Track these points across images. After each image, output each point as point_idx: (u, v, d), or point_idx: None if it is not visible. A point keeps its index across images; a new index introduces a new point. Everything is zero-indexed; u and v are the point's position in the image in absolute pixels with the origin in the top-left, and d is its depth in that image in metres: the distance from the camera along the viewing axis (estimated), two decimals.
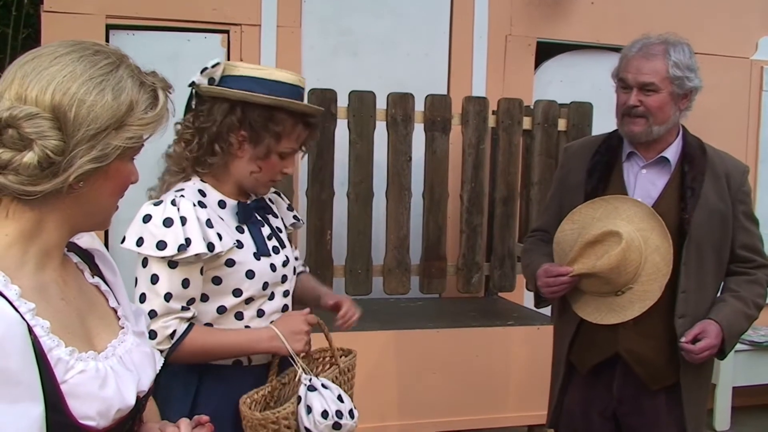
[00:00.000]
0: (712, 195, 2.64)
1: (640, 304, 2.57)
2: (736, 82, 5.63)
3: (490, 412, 4.23)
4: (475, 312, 4.56)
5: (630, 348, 2.66)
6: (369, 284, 4.15)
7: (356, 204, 4.08)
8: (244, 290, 2.15)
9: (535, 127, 4.36)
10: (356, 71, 4.80)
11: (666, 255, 2.57)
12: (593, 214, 2.64)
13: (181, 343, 2.08)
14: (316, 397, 2.09)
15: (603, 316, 2.62)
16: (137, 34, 4.49)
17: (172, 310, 2.06)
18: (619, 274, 2.54)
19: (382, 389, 3.97)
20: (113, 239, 4.43)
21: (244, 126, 2.12)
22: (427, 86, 4.55)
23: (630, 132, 2.65)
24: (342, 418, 2.10)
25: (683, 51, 2.62)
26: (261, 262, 2.18)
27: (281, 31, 4.67)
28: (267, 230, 2.28)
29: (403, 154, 4.11)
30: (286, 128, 2.14)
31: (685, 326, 2.60)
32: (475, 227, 4.29)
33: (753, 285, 2.71)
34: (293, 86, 2.16)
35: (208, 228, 2.06)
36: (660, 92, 2.59)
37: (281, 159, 2.18)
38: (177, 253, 2.01)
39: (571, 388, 2.85)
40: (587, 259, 2.56)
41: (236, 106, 2.11)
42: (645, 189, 2.69)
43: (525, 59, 5.17)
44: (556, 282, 2.62)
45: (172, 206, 2.05)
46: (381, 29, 4.93)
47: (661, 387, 2.69)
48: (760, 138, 5.70)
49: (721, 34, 5.56)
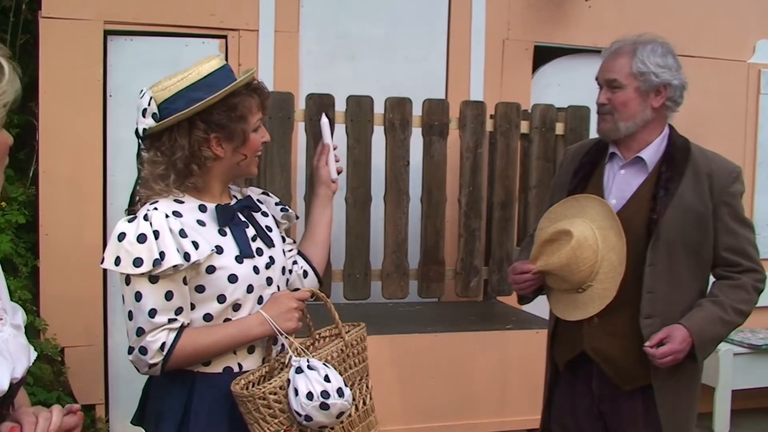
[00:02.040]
0: (690, 195, 2.65)
1: (599, 301, 2.62)
2: (734, 85, 5.66)
3: (488, 417, 4.23)
4: (473, 316, 4.56)
5: (596, 347, 2.71)
6: (367, 289, 4.14)
7: (354, 208, 4.07)
8: (228, 295, 2.16)
9: (533, 131, 4.35)
10: (354, 76, 4.80)
11: (620, 253, 2.60)
12: (565, 212, 2.72)
13: (173, 352, 2.10)
14: (301, 378, 2.08)
15: (569, 312, 2.70)
16: (135, 39, 4.49)
17: (157, 324, 2.08)
18: (572, 272, 2.61)
19: (380, 394, 3.91)
20: None
21: (213, 130, 2.15)
22: (425, 90, 4.55)
23: (599, 130, 2.77)
24: (329, 398, 2.08)
25: (653, 49, 2.69)
26: (243, 265, 2.19)
27: (279, 36, 4.68)
28: (252, 231, 2.28)
29: (401, 158, 4.11)
30: (245, 106, 2.18)
31: (654, 327, 2.62)
32: (473, 231, 4.29)
33: (736, 290, 2.69)
34: (221, 69, 2.19)
35: (182, 238, 2.08)
36: (624, 88, 2.67)
37: (256, 133, 2.24)
38: (153, 268, 2.03)
39: (558, 387, 2.92)
40: (545, 257, 2.67)
41: (195, 120, 2.13)
42: (620, 189, 2.74)
43: (522, 63, 5.18)
44: (521, 279, 2.74)
45: (145, 221, 2.08)
46: (379, 34, 4.94)
47: (634, 388, 2.71)
48: (758, 141, 5.72)
49: (718, 38, 5.58)
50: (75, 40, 4.29)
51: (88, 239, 4.34)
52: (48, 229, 4.29)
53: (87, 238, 4.34)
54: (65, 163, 4.29)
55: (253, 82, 2.25)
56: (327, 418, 2.10)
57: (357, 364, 2.29)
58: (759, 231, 5.61)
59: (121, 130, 4.44)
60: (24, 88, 4.70)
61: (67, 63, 4.28)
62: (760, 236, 5.59)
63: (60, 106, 4.27)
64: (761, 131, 5.73)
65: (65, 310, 4.25)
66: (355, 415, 2.25)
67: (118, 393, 4.45)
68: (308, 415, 2.07)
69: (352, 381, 2.26)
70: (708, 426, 5.33)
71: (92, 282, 4.36)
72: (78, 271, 4.26)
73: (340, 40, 4.88)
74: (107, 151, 4.45)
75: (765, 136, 5.73)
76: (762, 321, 5.70)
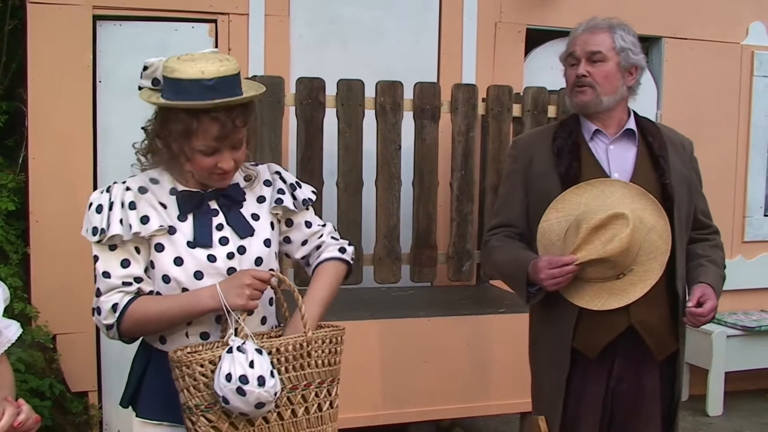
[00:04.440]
0: (677, 162, 2.75)
1: (641, 285, 2.56)
2: (728, 67, 5.64)
3: (482, 400, 4.23)
4: (466, 300, 4.55)
5: (642, 319, 2.65)
6: (359, 274, 4.13)
7: (346, 193, 4.06)
8: (172, 278, 2.15)
9: (525, 114, 4.34)
10: (345, 60, 4.77)
11: (663, 233, 2.58)
12: (579, 200, 2.62)
13: (125, 314, 2.12)
14: (227, 359, 2.01)
15: (604, 302, 2.58)
16: (124, 24, 4.45)
17: (112, 286, 2.12)
18: (627, 257, 2.53)
19: (374, 379, 3.96)
20: None
21: (162, 128, 2.15)
22: (417, 74, 4.52)
23: (579, 101, 2.72)
24: (247, 383, 1.98)
25: (626, 29, 2.74)
26: (195, 251, 2.17)
27: (269, 20, 4.64)
28: (220, 219, 2.23)
29: (393, 142, 4.09)
30: (188, 127, 2.08)
31: (682, 289, 2.69)
32: (465, 215, 4.28)
33: (716, 249, 2.87)
34: (195, 81, 2.06)
35: (130, 210, 2.12)
36: (607, 62, 2.68)
37: (206, 156, 2.12)
38: (100, 237, 2.10)
39: (579, 375, 2.76)
40: (592, 245, 2.51)
41: (159, 108, 2.16)
42: (619, 163, 2.73)
43: (515, 46, 5.15)
44: (562, 272, 2.56)
45: (106, 193, 2.17)
46: (370, 18, 4.90)
47: (663, 357, 2.72)
48: (751, 123, 5.70)
49: (712, 20, 5.56)
50: (64, 25, 4.26)
51: (78, 226, 4.26)
52: (38, 216, 4.27)
53: (77, 224, 4.27)
54: (55, 149, 4.26)
55: (215, 113, 2.10)
56: (244, 405, 2.01)
57: (321, 366, 2.18)
58: (751, 213, 5.72)
59: (111, 116, 4.43)
60: (12, 74, 4.70)
61: (55, 49, 4.24)
62: (752, 218, 5.70)
63: (49, 93, 4.24)
64: (754, 113, 5.71)
65: (56, 297, 4.23)
66: (303, 418, 2.15)
67: (110, 379, 4.44)
68: (225, 396, 2.00)
69: (309, 381, 2.16)
70: (701, 408, 5.35)
71: (83, 268, 4.31)
72: (69, 258, 4.23)
73: (331, 24, 4.85)
74: (97, 137, 4.42)
75: (758, 118, 5.71)
76: (754, 302, 5.73)
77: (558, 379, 2.81)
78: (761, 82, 5.69)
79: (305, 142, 3.98)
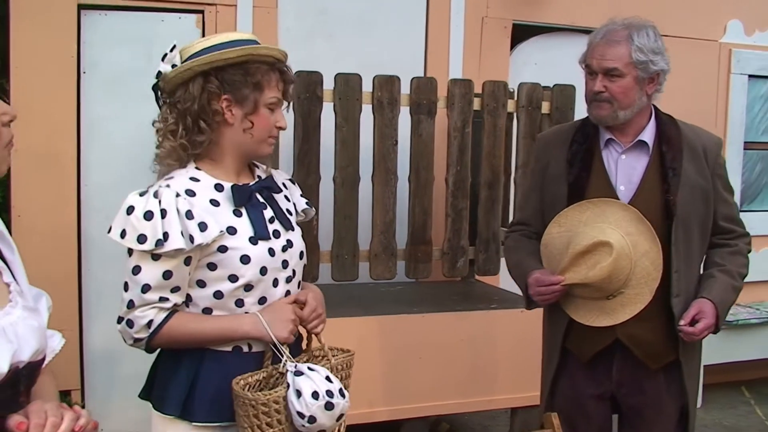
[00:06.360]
0: (692, 172, 2.70)
1: (631, 308, 2.62)
2: (705, 64, 5.72)
3: (475, 396, 4.24)
4: (456, 296, 4.55)
5: (629, 333, 2.69)
6: (355, 270, 4.09)
7: (342, 188, 4.01)
8: (240, 276, 2.13)
9: (519, 110, 4.33)
10: (333, 52, 4.73)
11: (655, 259, 2.61)
12: (580, 217, 2.67)
13: (159, 332, 2.10)
14: (304, 380, 2.06)
15: (595, 319, 2.67)
16: (110, 14, 4.34)
17: (148, 301, 2.08)
18: (611, 282, 2.59)
19: (369, 376, 3.93)
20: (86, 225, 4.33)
21: (225, 89, 2.13)
22: (404, 68, 4.49)
23: (597, 116, 2.71)
24: (333, 397, 2.07)
25: (647, 35, 2.66)
26: (258, 246, 2.16)
27: (257, 12, 4.57)
28: (270, 213, 2.24)
29: (389, 137, 4.05)
30: (263, 76, 2.14)
31: (680, 305, 2.66)
32: (460, 211, 4.26)
33: (736, 256, 2.79)
34: (249, 40, 2.17)
35: (188, 220, 2.06)
36: (624, 77, 2.64)
37: (271, 112, 2.19)
38: (155, 247, 2.02)
39: (566, 374, 2.87)
40: (579, 268, 2.60)
41: (209, 74, 2.12)
42: (626, 174, 2.72)
43: (501, 41, 5.16)
44: (548, 291, 2.67)
45: (154, 198, 2.06)
46: (357, 10, 4.87)
47: (660, 366, 2.74)
48: (728, 120, 5.79)
49: (690, 17, 5.63)
50: (47, 14, 4.13)
51: (62, 220, 4.21)
52: (21, 210, 4.14)
53: (61, 219, 4.21)
54: (38, 141, 4.12)
55: (278, 62, 2.21)
56: (329, 420, 2.08)
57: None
58: None
59: (96, 108, 4.32)
60: None
61: (39, 38, 4.11)
62: None
63: (32, 83, 4.11)
64: (731, 110, 5.81)
65: None
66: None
67: (94, 378, 4.35)
68: (312, 415, 2.04)
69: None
70: None
71: (67, 265, 4.24)
72: (52, 254, 4.13)
73: (319, 16, 4.79)
74: (81, 129, 4.30)
75: (735, 115, 5.81)
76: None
77: (546, 376, 2.94)
78: (738, 79, 5.79)
79: (302, 137, 3.92)
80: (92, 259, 4.37)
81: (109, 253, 4.38)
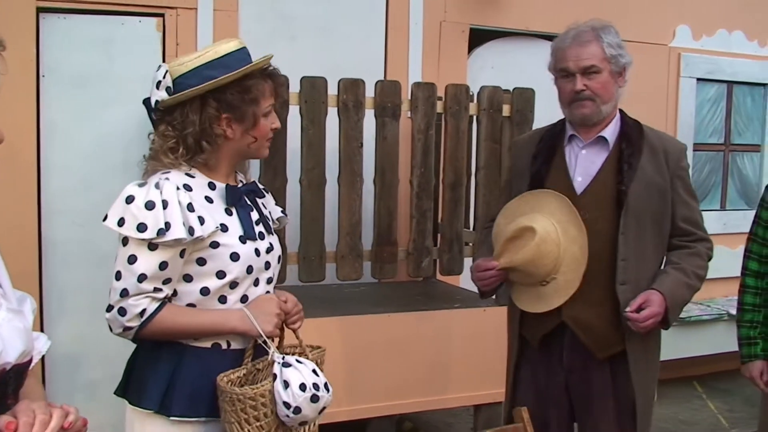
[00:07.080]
0: (650, 170, 2.79)
1: (563, 293, 2.72)
2: (656, 68, 5.87)
3: (438, 394, 4.29)
4: (420, 296, 4.60)
5: (574, 316, 2.78)
6: (323, 271, 4.11)
7: (309, 191, 4.03)
8: (228, 273, 2.18)
9: (481, 113, 4.40)
10: (294, 56, 4.72)
11: (583, 246, 2.70)
12: (522, 208, 2.79)
13: (151, 321, 2.13)
14: (292, 371, 2.13)
15: (533, 305, 2.80)
16: (69, 17, 4.30)
17: (143, 290, 2.11)
18: (537, 267, 2.70)
19: (335, 375, 3.93)
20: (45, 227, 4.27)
21: (224, 110, 2.18)
22: (365, 71, 4.52)
23: (581, 114, 2.80)
24: (319, 390, 2.14)
25: (611, 32, 2.81)
26: (246, 245, 2.21)
27: (218, 15, 4.57)
28: (256, 215, 2.32)
29: (355, 140, 4.08)
30: (259, 90, 2.21)
31: (627, 294, 2.73)
32: (424, 212, 4.31)
33: (693, 257, 2.85)
34: (239, 51, 2.22)
35: (189, 212, 2.11)
36: (601, 73, 2.76)
37: (266, 119, 2.27)
38: (156, 236, 2.06)
39: (525, 362, 2.97)
40: (509, 254, 2.73)
41: (207, 97, 2.17)
42: (584, 167, 2.83)
43: (459, 45, 5.24)
44: (485, 276, 2.81)
45: (156, 189, 2.11)
46: (318, 13, 4.90)
47: (608, 356, 2.81)
48: (678, 122, 5.95)
49: (641, 22, 5.78)
50: (6, 18, 4.06)
51: (21, 222, 4.16)
52: None
53: (21, 221, 4.16)
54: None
55: (269, 68, 2.28)
56: (312, 412, 2.15)
57: None
58: None
59: (55, 111, 4.28)
60: None
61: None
62: None
63: None
64: (681, 113, 5.97)
65: None
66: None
67: (55, 381, 4.28)
68: (298, 406, 2.11)
69: None
70: None
71: (27, 267, 4.19)
72: (11, 257, 4.02)
73: (280, 19, 4.81)
74: (41, 132, 4.25)
75: (685, 118, 5.98)
76: None
77: (509, 366, 3.05)
78: (687, 82, 5.96)
79: None
80: (53, 263, 4.32)
81: (70, 256, 4.34)
